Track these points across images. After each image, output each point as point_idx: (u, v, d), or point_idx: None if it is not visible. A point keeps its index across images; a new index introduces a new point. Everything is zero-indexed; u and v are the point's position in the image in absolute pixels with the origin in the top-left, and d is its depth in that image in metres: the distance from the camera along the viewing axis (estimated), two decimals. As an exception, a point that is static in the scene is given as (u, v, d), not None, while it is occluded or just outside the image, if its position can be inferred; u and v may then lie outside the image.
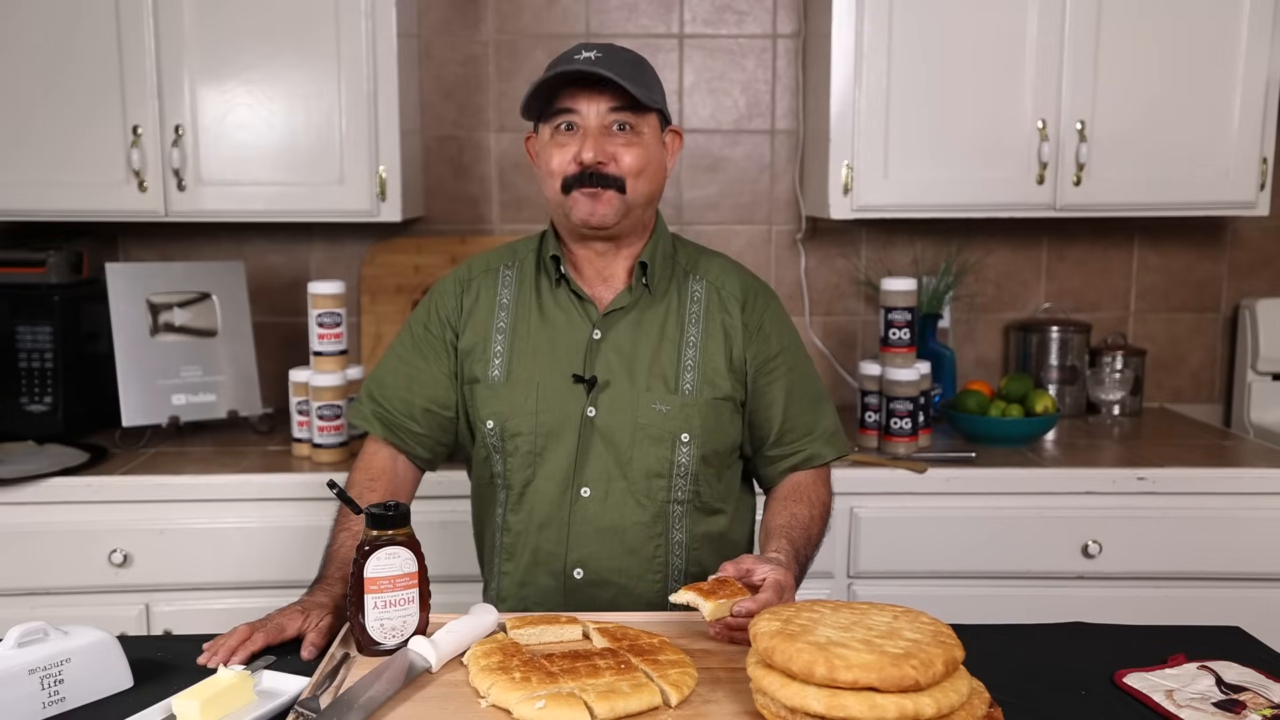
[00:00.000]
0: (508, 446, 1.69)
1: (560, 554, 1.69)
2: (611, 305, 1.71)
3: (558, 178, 1.64)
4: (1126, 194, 2.64)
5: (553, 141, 1.65)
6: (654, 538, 1.69)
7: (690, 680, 1.28)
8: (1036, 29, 2.58)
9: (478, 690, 1.28)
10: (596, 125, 1.62)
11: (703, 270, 1.77)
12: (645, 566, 1.69)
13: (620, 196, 1.63)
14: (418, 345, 1.76)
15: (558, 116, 1.64)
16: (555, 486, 1.68)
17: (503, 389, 1.69)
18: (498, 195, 3.00)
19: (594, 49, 1.63)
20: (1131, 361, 2.93)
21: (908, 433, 2.54)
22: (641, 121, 1.65)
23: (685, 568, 1.71)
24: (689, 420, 1.68)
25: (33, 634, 1.32)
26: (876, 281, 2.83)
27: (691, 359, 1.70)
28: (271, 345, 2.95)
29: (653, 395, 1.67)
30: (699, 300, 1.74)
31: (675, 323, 1.72)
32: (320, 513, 2.37)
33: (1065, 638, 1.53)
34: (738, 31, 2.96)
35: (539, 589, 1.71)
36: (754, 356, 1.73)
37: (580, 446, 1.67)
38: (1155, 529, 2.40)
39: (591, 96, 1.62)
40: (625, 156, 1.63)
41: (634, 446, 1.66)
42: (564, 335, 1.70)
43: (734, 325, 1.73)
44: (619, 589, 1.69)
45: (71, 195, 2.59)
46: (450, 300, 1.76)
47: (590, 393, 1.67)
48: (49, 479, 2.35)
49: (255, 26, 2.55)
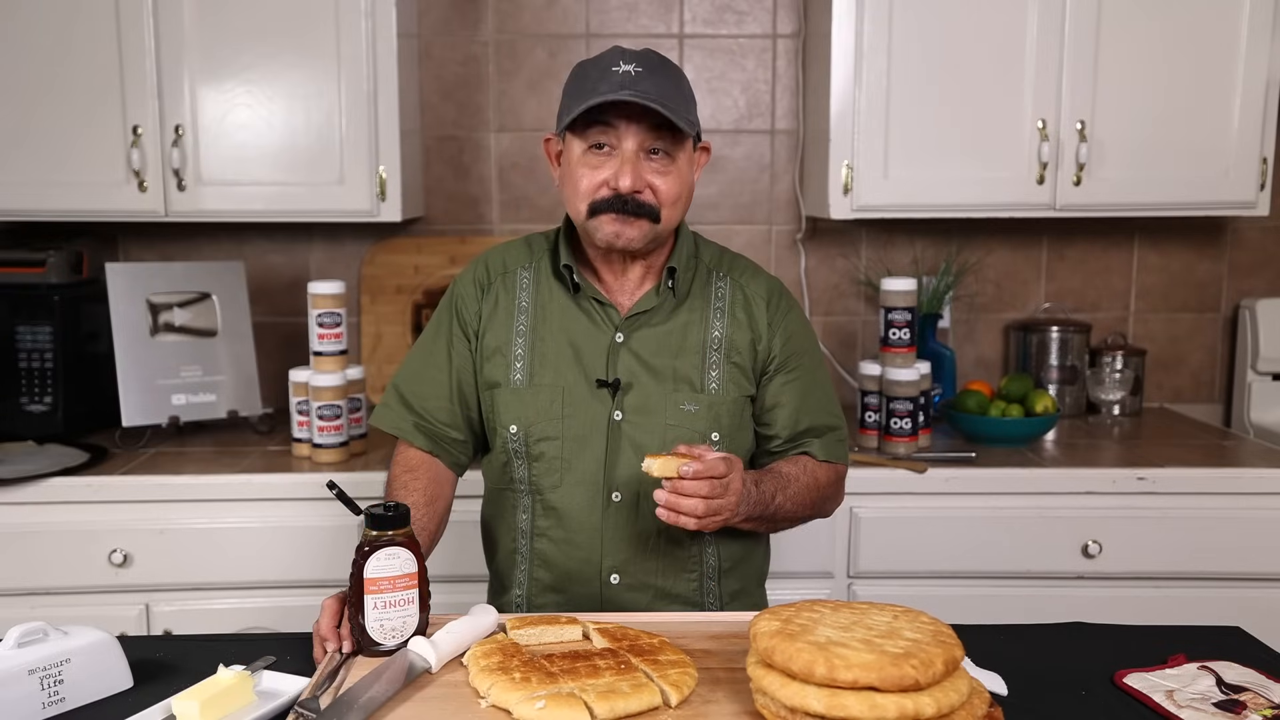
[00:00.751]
0: (533, 451, 1.67)
1: (595, 561, 1.67)
2: (635, 308, 1.69)
3: (585, 200, 1.60)
4: (1126, 194, 2.64)
5: (583, 160, 1.60)
6: (687, 537, 1.67)
7: (690, 680, 1.28)
8: (1036, 29, 2.58)
9: (477, 690, 1.28)
10: (634, 150, 1.58)
11: (727, 269, 1.76)
12: (681, 566, 1.70)
13: (653, 225, 1.61)
14: (448, 351, 1.73)
15: (592, 133, 1.59)
16: (586, 492, 1.67)
17: (526, 393, 1.68)
18: (497, 195, 3.00)
19: (633, 60, 1.57)
20: (1131, 361, 2.93)
21: (908, 433, 2.54)
22: (678, 148, 1.61)
23: (719, 564, 1.72)
24: (718, 419, 1.68)
25: (32, 634, 1.32)
26: (876, 281, 2.83)
27: (717, 358, 1.70)
28: (271, 345, 2.95)
29: (680, 396, 1.67)
30: (724, 298, 1.73)
31: (700, 321, 1.71)
32: (320, 513, 2.37)
33: (1065, 638, 1.53)
34: (738, 31, 2.96)
35: (574, 596, 1.69)
36: (773, 354, 1.72)
37: (609, 451, 1.66)
38: (1155, 529, 2.40)
39: (631, 119, 1.57)
40: (661, 185, 1.60)
41: (664, 449, 1.64)
42: (586, 339, 1.69)
43: (759, 323, 1.72)
44: (656, 591, 1.69)
45: (71, 195, 2.59)
46: (472, 304, 1.73)
47: (615, 397, 1.66)
48: (49, 479, 2.35)
49: (255, 26, 2.55)
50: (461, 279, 1.77)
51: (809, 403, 1.74)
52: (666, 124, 1.57)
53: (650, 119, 1.57)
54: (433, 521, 1.65)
